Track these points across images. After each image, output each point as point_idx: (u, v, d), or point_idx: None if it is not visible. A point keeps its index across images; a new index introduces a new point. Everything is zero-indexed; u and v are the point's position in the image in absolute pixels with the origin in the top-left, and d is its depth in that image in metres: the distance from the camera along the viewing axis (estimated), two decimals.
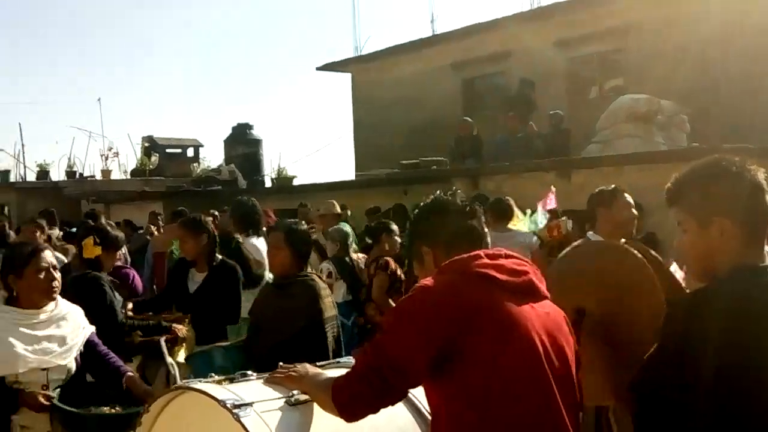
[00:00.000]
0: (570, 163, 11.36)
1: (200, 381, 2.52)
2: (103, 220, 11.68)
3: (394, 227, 7.36)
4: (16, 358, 3.48)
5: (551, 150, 12.36)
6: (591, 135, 12.79)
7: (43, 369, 3.57)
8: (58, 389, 3.59)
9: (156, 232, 11.38)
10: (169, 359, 3.96)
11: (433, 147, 14.97)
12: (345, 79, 21.34)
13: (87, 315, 3.94)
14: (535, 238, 7.43)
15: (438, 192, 2.69)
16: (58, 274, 3.74)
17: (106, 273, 5.06)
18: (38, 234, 7.76)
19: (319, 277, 4.82)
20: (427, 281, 2.34)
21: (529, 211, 8.00)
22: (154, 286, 9.34)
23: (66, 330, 3.71)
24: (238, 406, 2.28)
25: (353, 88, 20.94)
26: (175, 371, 3.87)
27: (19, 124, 25.52)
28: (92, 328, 3.91)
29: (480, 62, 17.43)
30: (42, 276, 3.64)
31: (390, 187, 13.69)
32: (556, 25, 15.74)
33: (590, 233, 4.73)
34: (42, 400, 3.49)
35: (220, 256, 5.51)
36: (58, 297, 3.77)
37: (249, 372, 2.61)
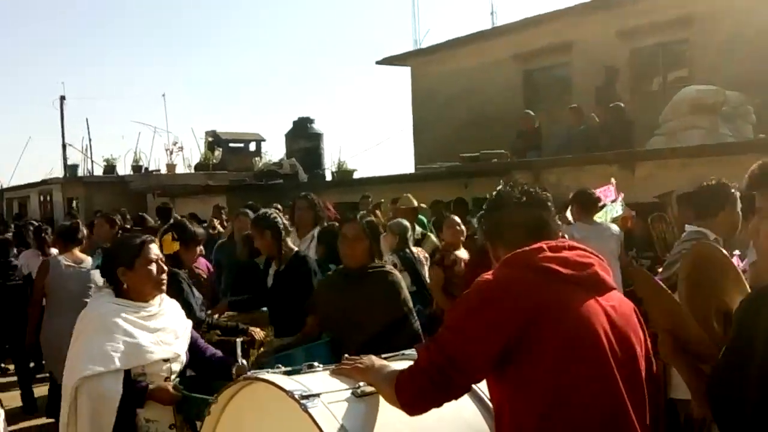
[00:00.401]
0: (634, 155, 11.14)
1: (267, 372, 2.56)
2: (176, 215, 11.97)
3: (454, 219, 7.32)
4: (142, 351, 3.45)
5: (614, 142, 12.14)
6: (654, 127, 12.53)
7: (165, 360, 3.55)
8: (177, 380, 3.61)
9: (219, 226, 11.52)
10: (242, 361, 4.00)
11: (493, 140, 14.87)
12: (404, 72, 21.34)
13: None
14: (618, 229, 7.33)
15: (500, 185, 2.66)
16: (165, 266, 3.74)
17: (186, 269, 5.09)
18: (110, 228, 7.90)
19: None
20: (488, 276, 2.32)
21: (610, 202, 7.85)
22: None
23: (175, 321, 3.72)
24: (306, 397, 2.31)
25: (413, 81, 20.91)
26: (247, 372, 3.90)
27: (87, 119, 26.24)
28: (190, 321, 3.91)
29: (541, 54, 17.22)
30: (152, 268, 3.63)
31: (450, 181, 13.64)
32: (619, 15, 15.45)
33: (694, 227, 4.57)
34: (173, 391, 3.49)
35: (294, 248, 5.55)
36: None
37: (315, 363, 2.64)
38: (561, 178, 11.22)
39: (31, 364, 8.14)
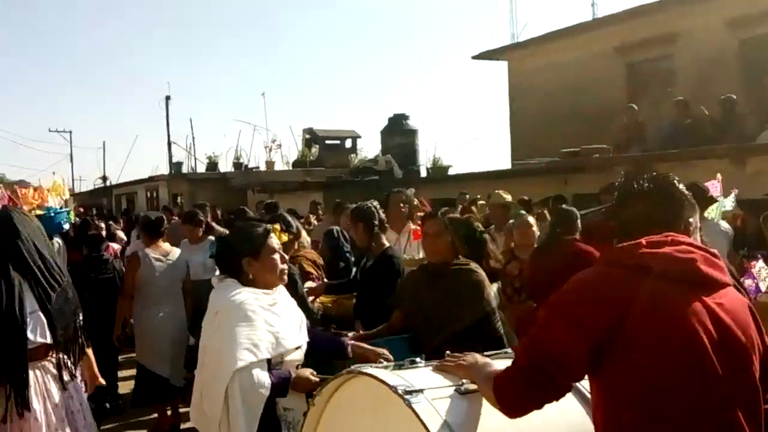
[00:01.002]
0: (746, 149, 10.66)
1: (371, 366, 2.54)
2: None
3: (527, 220, 7.05)
4: (282, 339, 3.46)
5: (723, 136, 11.65)
6: (766, 120, 11.97)
7: (296, 348, 3.57)
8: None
9: (315, 222, 11.70)
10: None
11: (594, 135, 14.49)
12: (501, 67, 21.08)
13: None
14: (729, 226, 7.03)
15: (617, 181, 2.55)
16: (285, 256, 3.78)
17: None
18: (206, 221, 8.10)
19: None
20: (581, 273, 2.26)
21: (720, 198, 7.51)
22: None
23: (296, 309, 3.76)
24: (409, 392, 2.28)
25: (510, 76, 20.64)
26: None
27: (190, 119, 27.09)
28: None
29: (645, 45, 16.66)
30: (276, 257, 3.67)
31: (549, 177, 13.40)
32: (727, 4, 14.79)
33: None
34: (313, 378, 3.46)
35: (386, 244, 5.55)
36: None
37: (417, 359, 2.61)
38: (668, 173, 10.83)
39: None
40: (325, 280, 6.55)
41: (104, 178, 36.96)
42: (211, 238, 7.84)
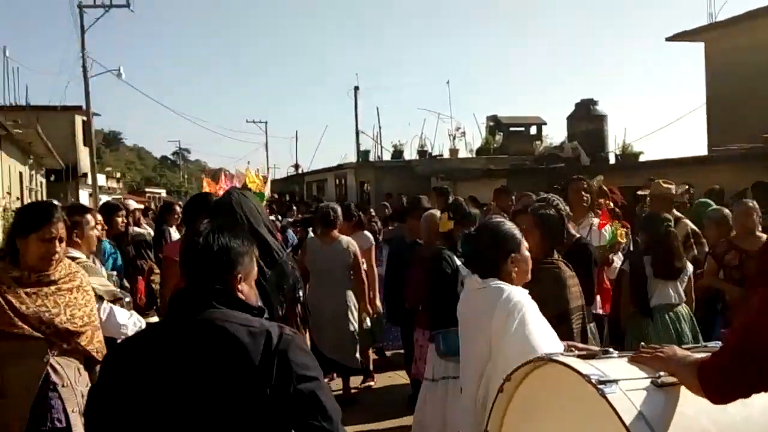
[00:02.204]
0: None
1: (563, 354, 2.55)
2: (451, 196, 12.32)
3: (750, 205, 6.66)
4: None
5: None
6: None
7: None
8: None
9: (496, 209, 11.62)
10: None
11: None
12: (697, 48, 19.97)
13: (432, 283, 4.22)
14: None
15: None
16: None
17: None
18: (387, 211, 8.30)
19: (567, 264, 4.48)
20: None
21: None
22: None
23: None
24: (603, 382, 2.27)
25: (706, 58, 19.50)
26: None
27: (377, 108, 27.80)
28: None
29: None
30: (526, 251, 3.87)
31: (748, 164, 12.58)
32: None
33: None
34: None
35: (576, 234, 5.47)
36: None
37: (611, 349, 2.59)
38: None
39: None
40: None
41: (296, 166, 38.79)
42: (367, 233, 8.18)
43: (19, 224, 3.64)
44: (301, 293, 4.20)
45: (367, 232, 8.44)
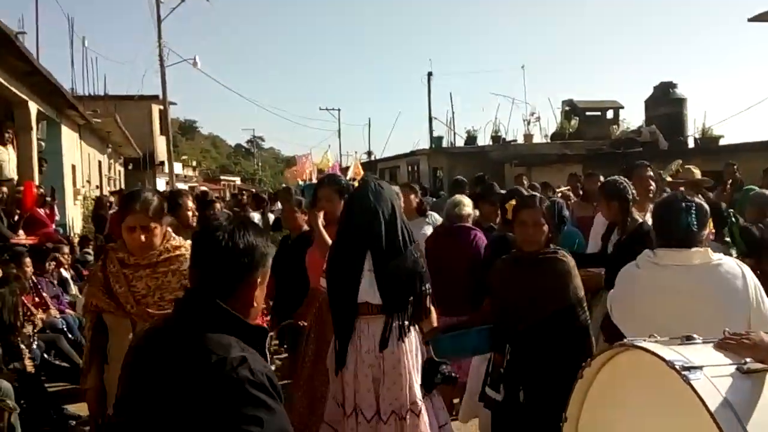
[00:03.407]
0: None
1: (644, 340, 2.52)
2: (525, 183, 12.18)
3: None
4: None
5: None
6: None
7: None
8: None
9: (573, 196, 11.32)
10: None
11: None
12: None
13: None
14: None
15: None
16: None
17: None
18: (412, 197, 8.03)
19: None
20: None
21: None
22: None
23: None
24: (687, 369, 2.24)
25: None
26: None
27: (450, 94, 27.76)
28: None
29: None
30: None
31: None
32: None
33: None
34: None
35: (639, 219, 5.39)
36: None
37: (694, 335, 2.54)
38: None
39: None
40: None
41: (369, 153, 38.97)
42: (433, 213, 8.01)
43: (120, 212, 3.88)
44: (429, 285, 4.23)
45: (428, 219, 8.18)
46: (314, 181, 10.08)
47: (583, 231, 9.03)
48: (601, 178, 9.43)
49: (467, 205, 6.65)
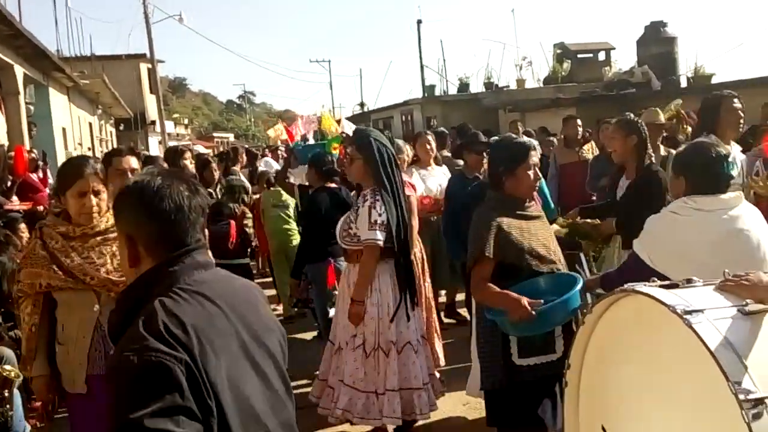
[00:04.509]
0: None
1: (644, 285, 2.52)
2: (520, 129, 12.10)
3: None
4: None
5: None
6: None
7: None
8: None
9: (556, 141, 11.07)
10: (585, 274, 3.97)
11: None
12: None
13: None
14: None
15: None
16: None
17: None
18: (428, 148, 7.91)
19: None
20: None
21: None
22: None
23: None
24: (689, 312, 2.23)
25: None
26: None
27: (441, 41, 27.43)
28: None
29: None
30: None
31: None
32: None
33: None
34: None
35: (650, 161, 5.34)
36: None
37: (694, 278, 2.53)
38: None
39: None
40: None
41: (362, 105, 38.71)
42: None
43: (57, 182, 3.72)
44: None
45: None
46: (311, 141, 9.98)
47: (566, 179, 8.80)
48: (579, 122, 9.34)
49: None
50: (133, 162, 4.29)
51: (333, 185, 6.35)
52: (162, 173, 2.07)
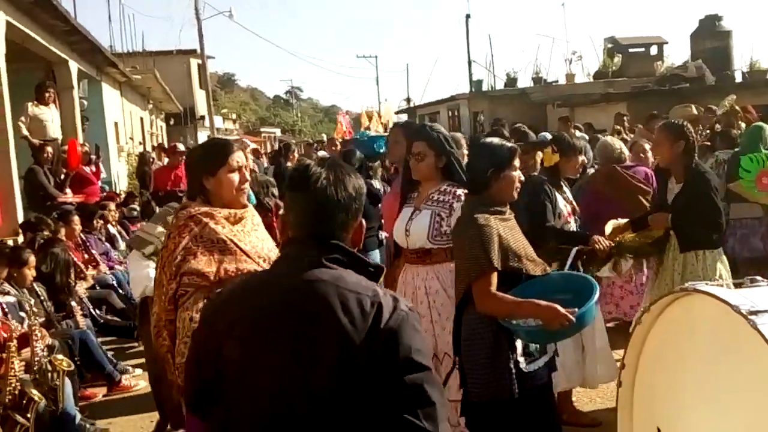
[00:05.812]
0: None
1: (706, 284, 2.45)
2: (570, 125, 11.94)
3: None
4: None
5: None
6: None
7: None
8: None
9: (625, 134, 11.08)
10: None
11: None
12: None
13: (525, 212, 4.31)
14: None
15: None
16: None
17: (562, 179, 5.21)
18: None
19: None
20: None
21: None
22: None
23: None
24: (754, 313, 2.16)
25: None
26: None
27: (489, 36, 27.29)
28: None
29: None
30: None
31: None
32: None
33: None
34: None
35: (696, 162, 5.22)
36: None
37: (758, 277, 2.46)
38: None
39: None
40: None
41: (408, 100, 38.65)
42: None
43: (205, 163, 3.37)
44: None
45: None
46: (375, 132, 10.05)
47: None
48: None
49: None
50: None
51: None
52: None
